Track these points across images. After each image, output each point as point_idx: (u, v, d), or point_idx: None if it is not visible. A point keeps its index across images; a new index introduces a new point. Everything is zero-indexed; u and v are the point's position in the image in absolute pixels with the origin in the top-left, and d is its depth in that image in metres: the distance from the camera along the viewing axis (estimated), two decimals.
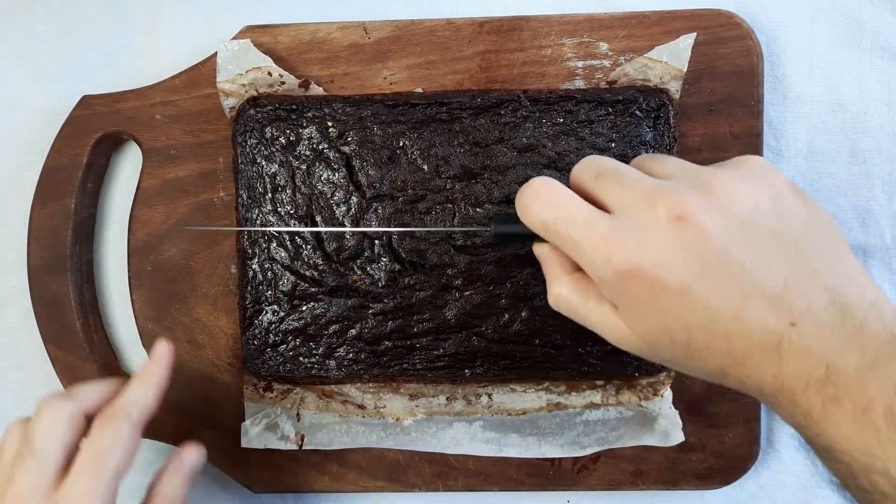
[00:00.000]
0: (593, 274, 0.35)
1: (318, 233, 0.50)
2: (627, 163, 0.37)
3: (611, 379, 0.50)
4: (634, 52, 0.50)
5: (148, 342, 0.52)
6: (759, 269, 0.32)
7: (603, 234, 0.34)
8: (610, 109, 0.48)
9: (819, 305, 0.32)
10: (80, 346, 0.52)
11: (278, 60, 0.51)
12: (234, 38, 0.51)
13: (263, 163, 0.50)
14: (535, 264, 0.48)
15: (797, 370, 0.32)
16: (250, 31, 0.51)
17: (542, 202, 0.36)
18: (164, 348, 0.45)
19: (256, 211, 0.50)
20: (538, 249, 0.39)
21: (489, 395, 0.51)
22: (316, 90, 0.51)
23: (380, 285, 0.49)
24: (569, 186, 0.37)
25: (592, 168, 0.36)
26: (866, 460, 0.30)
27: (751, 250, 0.32)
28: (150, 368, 0.44)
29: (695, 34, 0.49)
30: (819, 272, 0.32)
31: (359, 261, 0.49)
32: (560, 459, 0.51)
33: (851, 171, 0.52)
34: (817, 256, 0.33)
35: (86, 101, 0.52)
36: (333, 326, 0.50)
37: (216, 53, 0.50)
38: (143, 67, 0.54)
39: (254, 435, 0.51)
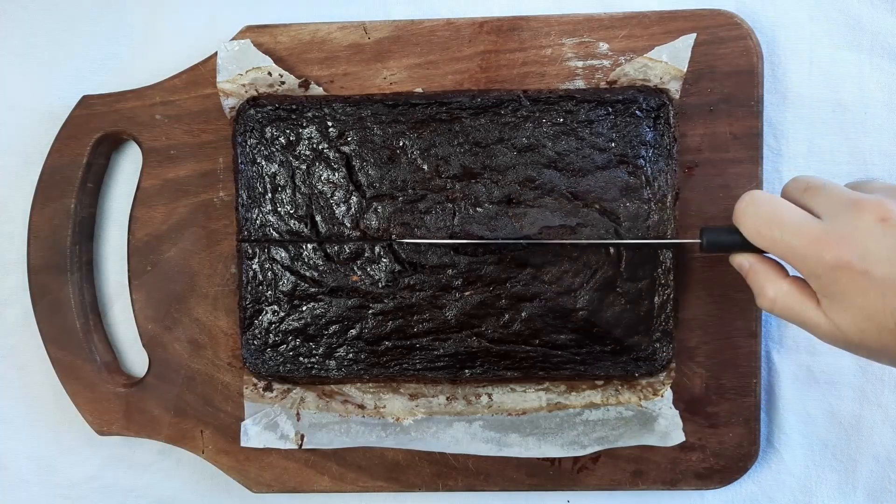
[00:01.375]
0: (806, 270, 0.39)
1: (319, 232, 0.50)
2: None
3: (611, 379, 0.50)
4: (634, 52, 0.50)
5: (148, 342, 0.52)
6: None
7: (814, 235, 0.38)
8: (610, 109, 0.48)
9: None
10: (80, 346, 0.52)
11: (278, 60, 0.51)
12: (234, 39, 0.51)
13: (263, 163, 0.50)
14: (534, 265, 0.49)
15: None
16: (250, 31, 0.51)
17: (759, 211, 0.40)
18: None
19: (256, 211, 0.50)
20: (742, 259, 0.44)
21: (489, 395, 0.51)
22: (316, 90, 0.51)
23: (380, 286, 0.49)
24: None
25: (801, 183, 0.42)
26: None
27: None
28: None
29: (695, 34, 0.49)
30: None
31: (359, 261, 0.50)
32: (560, 459, 0.51)
33: (851, 171, 0.52)
34: None
35: (86, 101, 0.52)
36: (333, 326, 0.50)
37: (216, 53, 0.50)
38: (143, 67, 0.54)
39: (253, 434, 0.51)
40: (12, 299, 0.55)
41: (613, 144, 0.48)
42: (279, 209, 0.50)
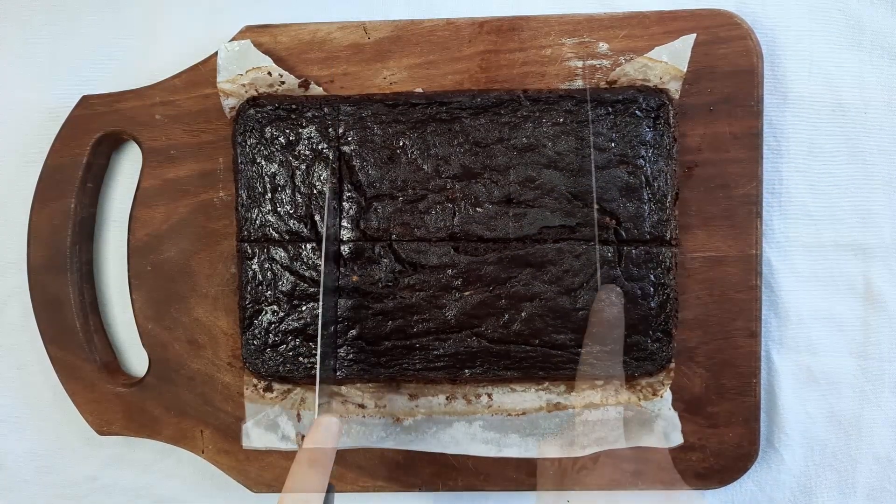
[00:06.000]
0: None
1: (319, 232, 0.50)
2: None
3: (610, 379, 0.50)
4: (634, 52, 0.50)
5: (148, 342, 0.52)
6: None
7: None
8: (610, 109, 0.48)
9: None
10: (80, 346, 0.52)
11: (278, 60, 0.51)
12: (234, 39, 0.51)
13: (263, 163, 0.50)
14: (534, 264, 0.49)
15: None
16: (250, 32, 0.51)
17: None
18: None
19: (256, 211, 0.50)
20: None
21: (489, 396, 0.51)
22: (316, 90, 0.51)
23: (380, 286, 0.49)
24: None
25: None
26: None
27: None
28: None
29: (695, 35, 0.49)
30: None
31: (359, 261, 0.49)
32: (560, 459, 0.51)
33: (851, 170, 0.52)
34: None
35: (86, 101, 0.52)
36: (333, 326, 0.50)
37: (216, 53, 0.50)
38: (143, 67, 0.54)
39: (255, 436, 0.51)
40: (12, 299, 0.55)
41: (613, 144, 0.48)
42: (279, 209, 0.50)
